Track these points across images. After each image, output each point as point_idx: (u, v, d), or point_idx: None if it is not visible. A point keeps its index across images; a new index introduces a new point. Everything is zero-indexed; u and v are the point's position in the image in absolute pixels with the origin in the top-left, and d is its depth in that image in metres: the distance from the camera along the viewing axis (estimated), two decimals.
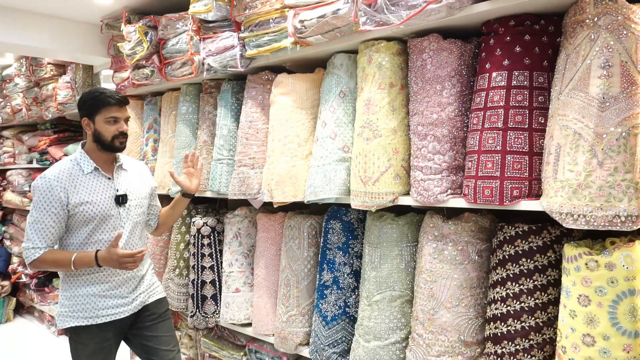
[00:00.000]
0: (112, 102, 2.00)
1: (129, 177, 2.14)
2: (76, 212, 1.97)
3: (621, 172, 1.29)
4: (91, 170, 2.03)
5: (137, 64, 2.87)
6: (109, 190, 2.04)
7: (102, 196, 2.02)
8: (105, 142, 2.03)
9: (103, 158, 2.08)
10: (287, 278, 2.20)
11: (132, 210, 2.09)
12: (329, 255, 2.06)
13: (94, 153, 2.07)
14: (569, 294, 1.37)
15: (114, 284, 2.06)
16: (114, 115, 2.01)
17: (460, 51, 1.69)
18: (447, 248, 1.70)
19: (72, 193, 1.97)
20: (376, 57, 1.82)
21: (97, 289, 2.03)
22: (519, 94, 1.53)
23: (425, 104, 1.72)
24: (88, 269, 2.01)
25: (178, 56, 2.62)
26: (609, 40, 1.32)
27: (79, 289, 2.03)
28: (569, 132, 1.37)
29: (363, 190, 1.83)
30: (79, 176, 2.01)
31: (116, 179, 2.08)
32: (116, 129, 2.02)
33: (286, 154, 2.11)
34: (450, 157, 1.69)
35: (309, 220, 2.18)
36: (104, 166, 2.08)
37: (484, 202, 1.57)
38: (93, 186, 2.02)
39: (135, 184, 2.15)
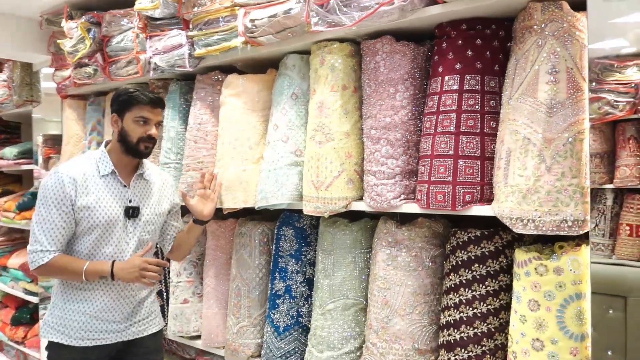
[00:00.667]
0: (145, 101, 1.87)
1: (148, 189, 1.98)
2: (81, 217, 1.83)
3: (568, 177, 1.33)
4: (108, 172, 1.89)
5: (79, 62, 2.78)
6: (121, 199, 1.90)
7: (112, 204, 1.87)
8: (130, 144, 1.88)
9: (124, 162, 1.93)
10: (237, 287, 2.16)
11: (141, 225, 1.93)
12: (281, 263, 2.03)
13: (116, 155, 1.92)
14: (519, 299, 1.40)
15: (108, 305, 1.89)
16: (145, 116, 1.88)
17: (413, 54, 1.71)
18: (400, 254, 1.70)
19: (81, 194, 1.83)
20: (329, 59, 1.82)
21: (90, 307, 1.87)
22: (471, 98, 1.56)
23: (378, 107, 1.72)
24: (85, 285, 1.87)
25: (123, 54, 2.55)
26: (556, 47, 1.36)
27: (71, 304, 1.88)
28: (518, 137, 1.40)
29: (315, 196, 1.82)
30: (93, 177, 1.87)
31: (132, 188, 1.93)
32: (144, 131, 1.88)
33: (236, 157, 2.08)
34: (403, 161, 1.70)
35: (260, 227, 2.15)
36: (123, 171, 1.93)
37: (437, 207, 1.58)
38: (104, 191, 1.87)
39: (153, 198, 1.99)
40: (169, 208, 2.06)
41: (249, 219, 2.26)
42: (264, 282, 2.14)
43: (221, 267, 2.28)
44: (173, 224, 2.11)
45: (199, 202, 2.08)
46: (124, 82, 2.62)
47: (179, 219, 2.14)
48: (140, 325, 1.98)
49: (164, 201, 2.04)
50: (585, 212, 1.33)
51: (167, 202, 2.05)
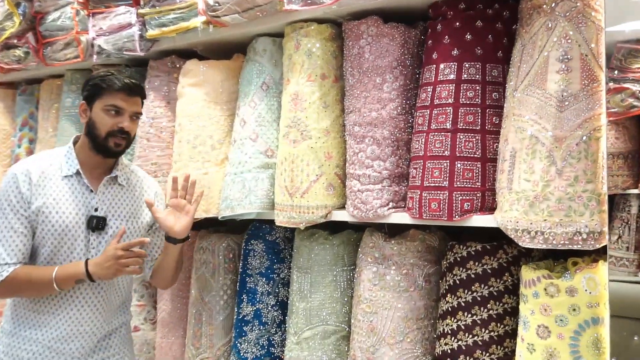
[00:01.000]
0: (118, 86, 1.79)
1: (122, 197, 1.90)
2: (35, 224, 1.76)
3: (582, 181, 1.34)
4: (71, 173, 1.82)
5: (6, 43, 2.73)
6: (83, 206, 1.81)
7: (71, 210, 1.79)
8: (97, 138, 1.80)
9: (93, 162, 1.85)
10: (198, 312, 2.14)
11: (107, 241, 1.84)
12: (249, 284, 2.02)
13: (84, 152, 1.85)
14: (526, 325, 1.40)
15: (67, 334, 1.80)
16: (117, 105, 1.79)
17: (403, 38, 1.71)
18: (389, 272, 1.70)
19: (36, 194, 1.76)
20: (305, 43, 1.81)
21: (44, 335, 1.79)
22: (470, 89, 1.57)
23: (363, 100, 1.72)
24: (41, 307, 1.79)
25: (60, 35, 2.51)
26: (568, 30, 1.37)
27: (22, 330, 1.80)
28: (525, 135, 1.41)
29: (290, 204, 1.81)
30: (54, 177, 1.80)
31: (100, 194, 1.84)
32: (115, 123, 1.79)
33: (197, 158, 2.07)
34: (392, 163, 1.70)
35: (224, 240, 2.14)
36: (91, 173, 1.85)
37: (431, 217, 1.58)
38: (64, 194, 1.80)
39: (128, 208, 1.90)
40: (149, 222, 1.97)
41: (211, 232, 2.24)
42: (229, 306, 2.12)
43: (178, 289, 2.26)
44: (155, 240, 2.01)
45: (169, 214, 1.91)
46: (61, 67, 2.59)
47: (161, 236, 2.01)
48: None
49: (144, 213, 1.95)
50: (602, 223, 1.33)
51: (146, 214, 1.96)
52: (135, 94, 1.84)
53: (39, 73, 2.79)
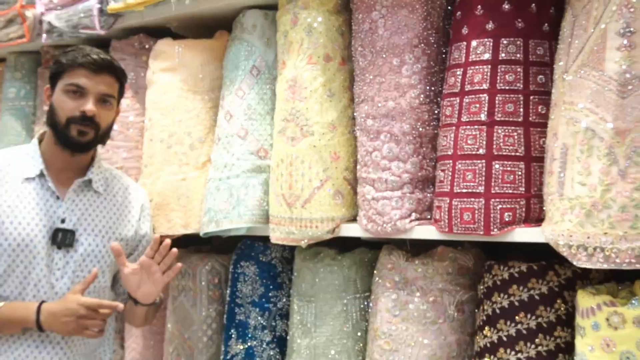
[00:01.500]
0: (79, 61, 1.80)
1: (96, 206, 1.91)
2: None
3: None
4: (34, 175, 1.84)
5: None
6: (47, 217, 1.82)
7: (30, 221, 1.80)
8: (58, 126, 1.82)
9: (61, 161, 1.88)
10: (176, 352, 2.16)
11: (76, 260, 1.84)
12: (239, 316, 2.03)
13: (49, 149, 1.88)
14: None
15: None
16: (78, 83, 1.80)
17: (426, 8, 1.72)
18: (412, 300, 1.71)
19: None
20: (304, 17, 1.83)
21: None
22: (510, 71, 1.57)
23: (376, 87, 1.73)
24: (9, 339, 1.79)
25: (1, 9, 2.54)
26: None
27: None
28: (578, 128, 1.41)
29: (288, 216, 1.82)
30: (12, 180, 1.82)
31: (69, 202, 1.86)
32: (76, 107, 1.80)
33: (172, 161, 2.09)
34: (413, 164, 1.71)
35: (208, 262, 2.16)
36: (59, 175, 1.88)
37: (463, 232, 1.58)
38: (23, 202, 1.81)
39: (103, 221, 1.91)
40: (129, 238, 1.97)
41: (191, 251, 2.26)
42: (215, 344, 2.14)
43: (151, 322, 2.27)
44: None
45: (135, 273, 1.84)
46: (3, 50, 2.63)
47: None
48: None
49: (125, 229, 1.96)
50: None
51: (127, 228, 1.97)
52: (102, 71, 1.83)
53: None
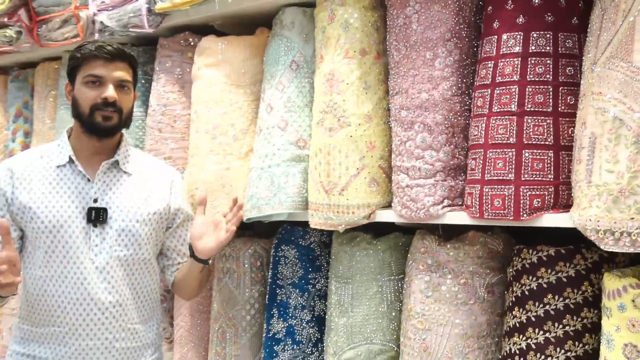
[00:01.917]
0: (94, 53, 1.83)
1: (126, 185, 1.93)
2: (23, 222, 1.83)
3: None
4: (64, 162, 1.88)
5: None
6: (80, 198, 1.86)
7: (65, 204, 1.84)
8: (83, 116, 1.86)
9: (89, 147, 1.91)
10: (221, 330, 2.18)
11: (112, 236, 1.87)
12: (280, 296, 2.05)
13: (78, 138, 1.91)
14: (611, 344, 1.40)
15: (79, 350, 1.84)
16: (96, 73, 1.84)
17: (458, 4, 1.71)
18: (445, 282, 1.71)
19: (22, 189, 1.84)
20: (341, 13, 1.83)
21: (55, 353, 1.84)
22: (540, 64, 1.56)
23: (410, 79, 1.73)
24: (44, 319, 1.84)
25: (56, 11, 2.58)
26: None
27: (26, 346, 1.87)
28: (606, 118, 1.40)
29: (326, 203, 1.83)
30: (44, 168, 1.88)
31: (100, 183, 1.89)
32: (97, 95, 1.83)
33: (217, 151, 2.10)
34: (446, 153, 1.71)
35: (251, 246, 2.17)
36: (88, 161, 1.90)
37: (494, 217, 1.58)
38: (56, 187, 1.86)
39: (132, 198, 1.92)
40: (161, 213, 1.98)
41: (235, 236, 2.25)
42: (258, 322, 2.16)
43: (198, 302, 2.31)
44: (175, 244, 2.04)
45: (204, 225, 1.95)
46: (59, 48, 2.65)
47: (184, 234, 2.06)
48: None
49: (155, 202, 1.97)
50: None
51: (158, 204, 1.98)
52: (116, 59, 1.86)
53: (33, 56, 2.85)
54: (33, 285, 1.86)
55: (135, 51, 2.44)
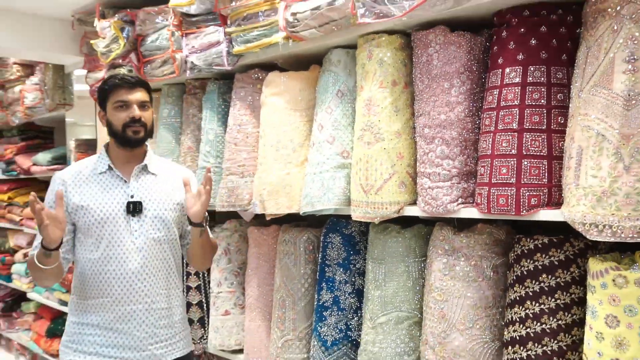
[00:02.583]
0: (118, 84, 1.89)
1: (154, 183, 1.98)
2: (77, 218, 1.88)
3: None
4: (105, 169, 1.94)
5: (112, 63, 2.88)
6: (120, 195, 1.91)
7: (110, 201, 1.90)
8: (118, 134, 1.91)
9: (123, 157, 1.97)
10: (282, 298, 2.20)
11: (147, 222, 1.92)
12: (328, 273, 2.05)
13: (114, 151, 1.97)
14: (595, 314, 1.37)
15: (120, 314, 1.88)
16: (122, 99, 1.89)
17: (469, 45, 1.70)
18: (458, 263, 1.69)
19: (74, 192, 1.89)
20: (377, 53, 1.83)
21: (102, 318, 1.89)
22: (536, 91, 1.54)
23: (432, 104, 1.72)
24: (95, 293, 1.88)
25: (158, 54, 2.63)
26: (634, 32, 1.32)
27: (83, 317, 1.91)
28: (591, 134, 1.37)
29: (365, 200, 1.83)
30: (90, 175, 1.93)
31: (134, 182, 1.94)
32: (127, 116, 1.89)
33: (279, 160, 2.12)
34: (460, 162, 1.69)
35: (305, 233, 2.18)
36: (124, 167, 1.96)
37: (499, 212, 1.56)
38: (101, 188, 1.91)
39: (160, 192, 1.97)
40: (183, 204, 2.01)
41: (293, 226, 2.29)
42: (310, 293, 2.17)
43: (264, 277, 2.33)
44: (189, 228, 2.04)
45: (192, 197, 1.95)
46: (159, 82, 2.71)
47: None
48: (164, 347, 1.95)
49: (176, 197, 2.01)
50: None
51: (179, 196, 2.02)
52: (135, 86, 1.92)
53: None
54: (85, 266, 1.91)
55: (217, 84, 2.48)
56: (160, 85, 2.79)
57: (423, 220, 1.92)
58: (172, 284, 2.02)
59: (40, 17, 3.39)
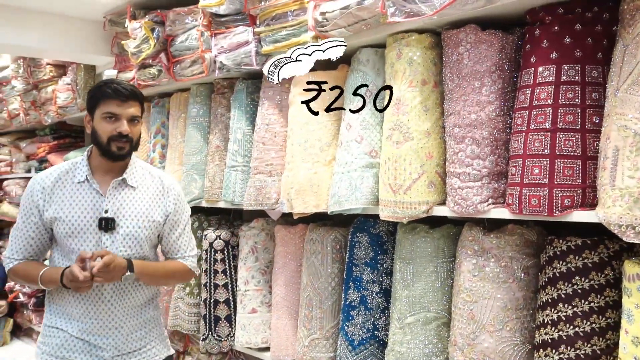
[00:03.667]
0: (110, 94, 1.80)
1: (132, 197, 1.90)
2: (52, 228, 1.86)
3: None
4: (82, 179, 1.87)
5: (143, 63, 2.92)
6: (94, 209, 1.84)
7: (83, 215, 1.83)
8: (101, 145, 1.84)
9: (104, 167, 1.89)
10: (309, 297, 2.20)
11: (119, 239, 1.86)
12: (355, 272, 2.05)
13: (96, 159, 1.90)
14: (631, 318, 1.34)
15: (92, 327, 1.85)
16: (112, 111, 1.81)
17: (501, 43, 1.68)
18: (488, 264, 1.67)
19: (49, 203, 1.84)
20: (406, 52, 1.82)
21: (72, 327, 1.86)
22: (570, 90, 1.51)
23: (462, 103, 1.70)
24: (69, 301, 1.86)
25: (187, 54, 2.65)
26: None
27: (55, 321, 1.89)
28: (628, 133, 1.34)
29: (393, 200, 1.82)
30: (67, 185, 1.87)
31: (110, 197, 1.87)
32: (114, 129, 1.81)
33: (307, 159, 2.12)
34: (491, 162, 1.67)
35: (332, 233, 2.18)
36: (103, 177, 1.89)
37: (531, 213, 1.54)
38: (76, 200, 1.85)
39: (135, 207, 1.90)
40: (161, 219, 1.95)
41: (320, 225, 2.28)
42: (337, 292, 2.16)
43: (291, 275, 2.33)
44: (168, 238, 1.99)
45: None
46: (188, 82, 2.73)
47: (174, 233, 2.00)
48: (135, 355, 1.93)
49: (156, 211, 1.94)
50: None
51: (161, 211, 1.95)
52: (129, 99, 1.83)
53: (169, 88, 2.95)
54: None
55: (245, 83, 2.49)
56: (189, 85, 2.81)
57: (452, 220, 1.90)
58: (144, 295, 1.97)
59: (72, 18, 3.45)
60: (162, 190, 1.99)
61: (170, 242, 2.02)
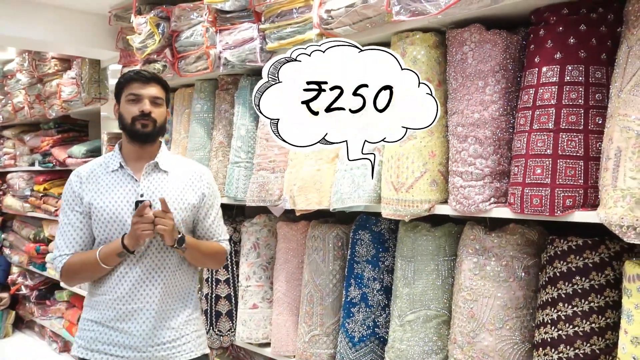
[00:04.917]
0: (133, 77, 1.88)
1: (166, 181, 1.93)
2: (91, 215, 1.88)
3: None
4: (116, 167, 1.92)
5: (147, 59, 2.92)
6: (130, 194, 1.88)
7: (119, 200, 1.87)
8: (127, 127, 1.89)
9: (135, 153, 1.94)
10: (310, 294, 2.21)
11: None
12: (356, 269, 2.06)
13: (126, 147, 1.95)
14: (630, 319, 1.34)
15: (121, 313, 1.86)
16: (134, 92, 1.87)
17: (505, 43, 1.68)
18: (489, 263, 1.68)
19: (87, 190, 1.88)
20: (411, 50, 1.82)
21: (102, 316, 1.87)
22: (573, 91, 1.51)
23: (465, 102, 1.70)
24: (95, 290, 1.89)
25: (192, 50, 2.66)
26: None
27: (87, 313, 1.91)
28: (631, 135, 1.34)
29: (395, 198, 1.83)
30: (102, 174, 1.92)
31: (145, 181, 1.90)
32: (137, 109, 1.86)
33: (310, 156, 2.13)
34: (493, 161, 1.67)
35: (334, 230, 2.18)
36: (135, 164, 1.93)
37: (532, 213, 1.54)
38: (112, 187, 1.89)
39: (170, 191, 1.92)
40: (195, 202, 1.97)
41: (322, 222, 2.29)
42: (338, 289, 2.17)
43: (292, 272, 2.34)
44: (203, 222, 2.01)
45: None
46: (193, 78, 2.74)
47: (210, 217, 2.02)
48: (167, 349, 1.89)
49: (190, 194, 1.96)
50: None
51: (192, 195, 1.97)
52: (150, 81, 1.89)
53: (174, 83, 2.93)
54: None
55: (250, 79, 2.50)
56: (193, 81, 2.82)
57: (454, 219, 1.91)
58: (179, 285, 1.96)
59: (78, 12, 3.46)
60: (195, 175, 2.02)
61: (205, 226, 2.03)
